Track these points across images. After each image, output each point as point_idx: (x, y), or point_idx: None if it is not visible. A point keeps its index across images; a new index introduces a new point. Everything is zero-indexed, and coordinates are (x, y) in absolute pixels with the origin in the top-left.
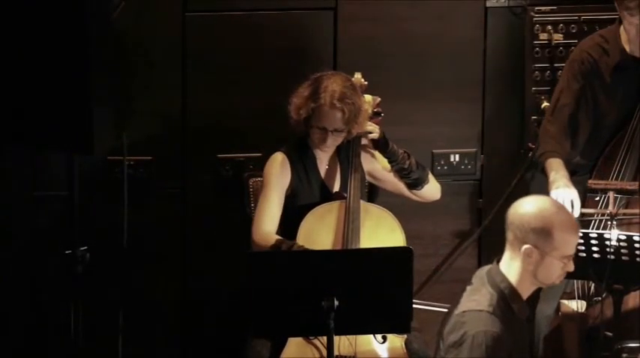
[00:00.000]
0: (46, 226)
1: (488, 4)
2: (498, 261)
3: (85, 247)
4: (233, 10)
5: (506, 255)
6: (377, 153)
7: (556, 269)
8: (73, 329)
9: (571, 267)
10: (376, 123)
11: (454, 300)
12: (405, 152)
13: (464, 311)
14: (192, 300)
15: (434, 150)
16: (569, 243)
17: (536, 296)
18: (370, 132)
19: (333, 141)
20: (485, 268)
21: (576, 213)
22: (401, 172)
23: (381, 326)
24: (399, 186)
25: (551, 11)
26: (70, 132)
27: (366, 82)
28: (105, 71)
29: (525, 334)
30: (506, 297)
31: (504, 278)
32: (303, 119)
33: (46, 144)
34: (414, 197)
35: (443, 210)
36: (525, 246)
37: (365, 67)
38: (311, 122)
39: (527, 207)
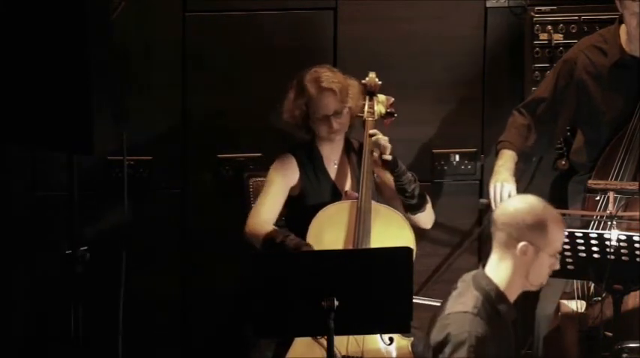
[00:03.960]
0: (46, 226)
1: (488, 4)
2: (484, 266)
3: (85, 247)
4: (233, 10)
5: (494, 258)
6: None
7: (546, 267)
8: (73, 329)
9: (557, 265)
10: (388, 123)
11: (440, 305)
12: (412, 175)
13: (448, 314)
14: (192, 300)
15: (434, 150)
16: (560, 237)
17: (522, 298)
18: (383, 154)
19: (339, 126)
20: (471, 273)
21: None
22: (402, 193)
23: (381, 326)
24: (397, 201)
25: (551, 11)
26: (70, 132)
27: (380, 82)
28: (105, 71)
29: (511, 337)
30: (492, 299)
31: (490, 281)
32: (302, 120)
33: (46, 144)
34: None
35: (443, 210)
36: (522, 244)
37: (365, 67)
38: (311, 118)
39: (517, 206)
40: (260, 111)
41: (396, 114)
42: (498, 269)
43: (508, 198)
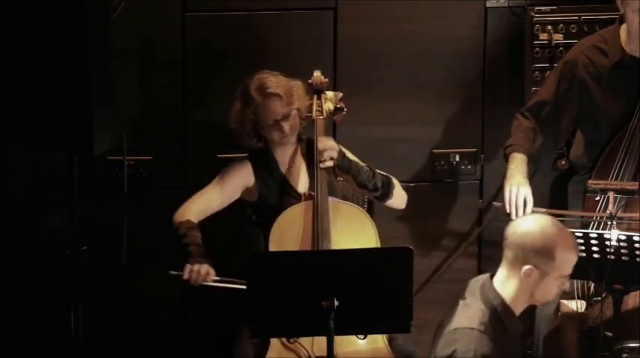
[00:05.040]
0: (46, 226)
1: (488, 4)
2: (492, 276)
3: (85, 247)
4: (233, 10)
5: (502, 272)
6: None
7: (553, 288)
8: (73, 329)
9: (567, 286)
10: (339, 119)
11: (447, 314)
12: (369, 168)
13: (455, 328)
14: (192, 300)
15: (434, 150)
16: (569, 262)
17: (530, 311)
18: (331, 158)
19: (290, 128)
20: (479, 281)
21: (528, 211)
22: (364, 188)
23: (380, 326)
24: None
25: (551, 11)
26: (70, 132)
27: (326, 79)
28: (105, 71)
29: (518, 350)
30: (499, 314)
31: (497, 295)
32: (252, 128)
33: (46, 144)
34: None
35: (443, 210)
36: (526, 267)
37: (365, 67)
38: (261, 125)
39: (527, 227)
40: None
41: (345, 109)
42: (505, 284)
43: (524, 201)
